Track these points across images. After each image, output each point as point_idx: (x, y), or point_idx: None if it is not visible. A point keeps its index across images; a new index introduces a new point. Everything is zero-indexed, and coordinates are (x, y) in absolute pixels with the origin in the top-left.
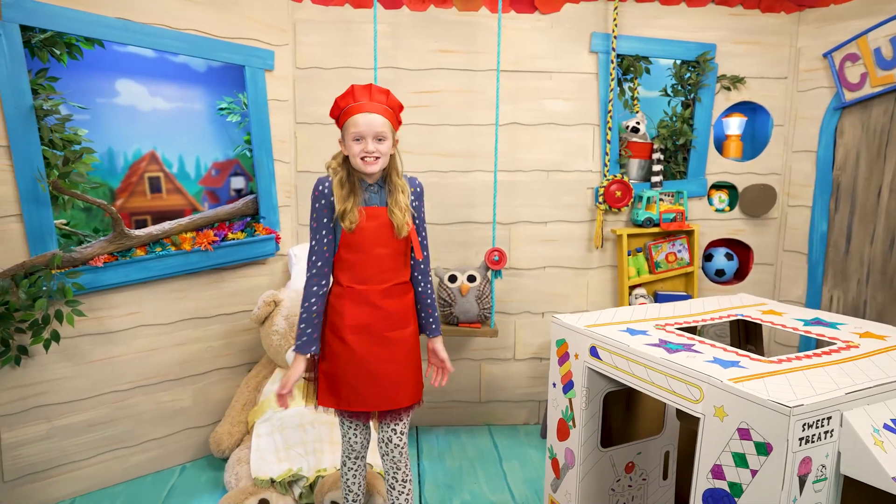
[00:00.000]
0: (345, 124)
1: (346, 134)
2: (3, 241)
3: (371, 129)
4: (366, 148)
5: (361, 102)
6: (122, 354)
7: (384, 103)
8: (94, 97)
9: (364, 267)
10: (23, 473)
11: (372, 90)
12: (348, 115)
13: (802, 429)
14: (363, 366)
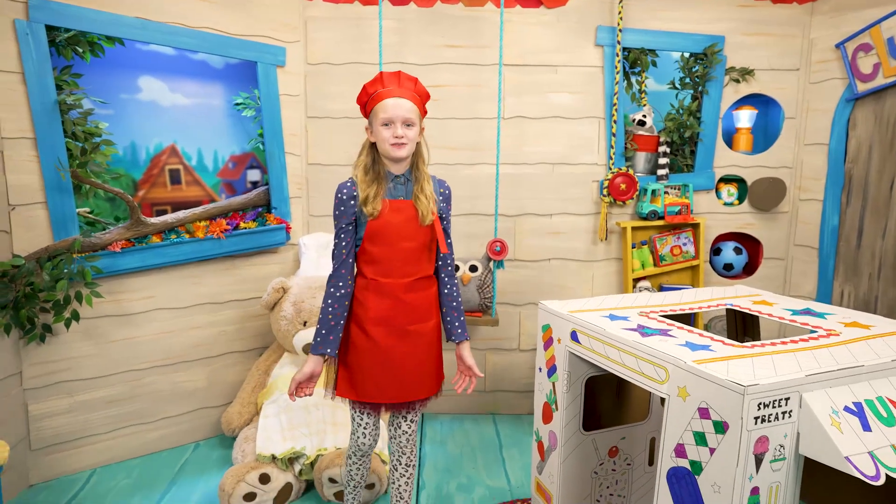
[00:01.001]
0: (373, 110)
1: (374, 120)
2: (29, 226)
3: (400, 114)
4: (395, 132)
5: (390, 88)
6: (139, 336)
7: (412, 90)
8: (117, 93)
9: (389, 260)
10: (48, 443)
11: (401, 77)
12: (377, 100)
13: (758, 408)
14: (385, 358)
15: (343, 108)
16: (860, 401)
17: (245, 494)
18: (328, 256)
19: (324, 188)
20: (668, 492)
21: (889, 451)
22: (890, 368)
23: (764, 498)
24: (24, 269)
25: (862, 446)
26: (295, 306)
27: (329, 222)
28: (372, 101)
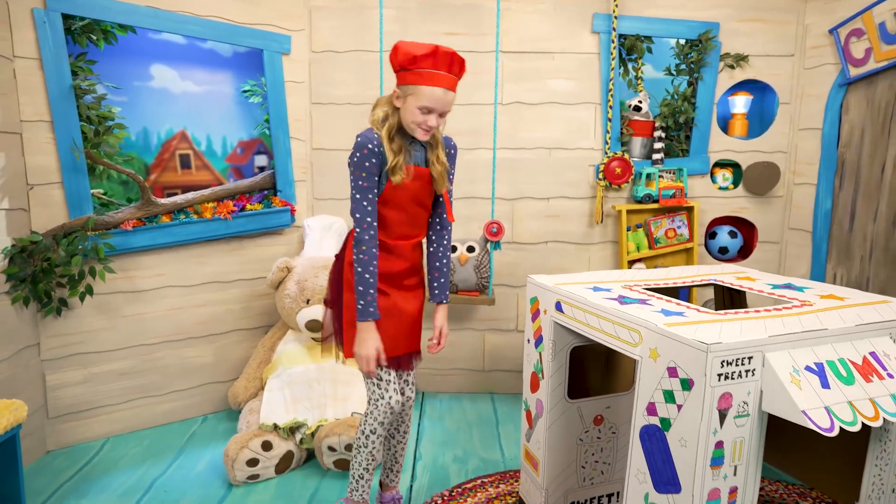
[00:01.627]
0: (416, 87)
1: (410, 94)
2: (47, 205)
3: (444, 106)
4: (430, 122)
5: (441, 73)
6: (150, 312)
7: (459, 76)
8: (131, 81)
9: (401, 224)
10: (64, 412)
11: (454, 60)
12: (424, 81)
13: (721, 365)
14: (398, 313)
15: (346, 94)
16: (822, 361)
17: (248, 460)
18: (331, 237)
19: (327, 173)
20: (640, 449)
21: (846, 406)
22: (854, 333)
23: (728, 452)
24: (42, 245)
25: (819, 402)
26: (298, 285)
27: (332, 205)
28: (417, 76)
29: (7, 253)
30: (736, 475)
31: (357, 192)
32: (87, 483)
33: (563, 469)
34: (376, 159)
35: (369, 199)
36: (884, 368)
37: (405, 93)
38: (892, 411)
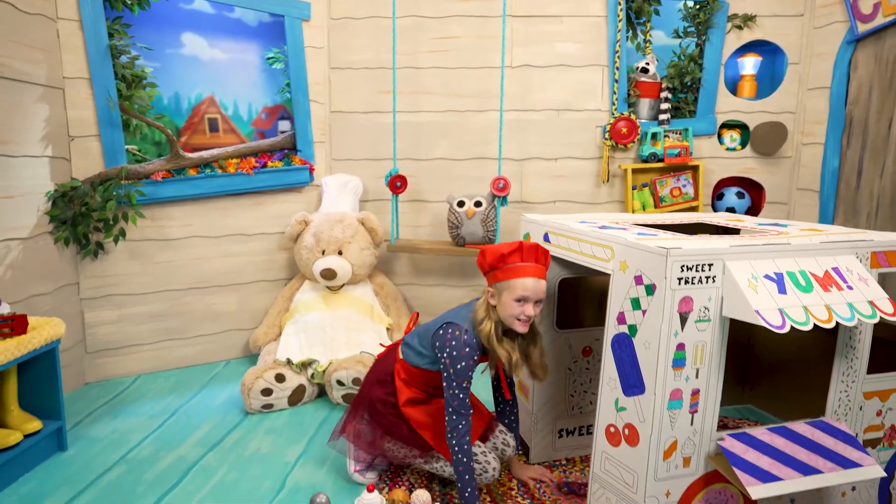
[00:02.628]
0: (508, 282)
1: (506, 291)
2: (85, 155)
3: (537, 294)
4: (527, 311)
5: (529, 264)
6: (178, 259)
7: (545, 265)
8: (163, 48)
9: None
10: (100, 348)
11: (538, 252)
12: (515, 274)
13: (681, 270)
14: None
15: (363, 59)
16: (781, 272)
17: (262, 389)
18: (347, 195)
19: (345, 134)
20: (612, 358)
21: (800, 310)
22: (818, 249)
23: (690, 355)
24: (80, 191)
25: (773, 304)
26: (315, 237)
27: (349, 165)
28: (508, 272)
29: (50, 196)
30: (698, 378)
31: (459, 392)
32: (119, 408)
33: (551, 397)
34: (475, 363)
35: (468, 395)
36: (844, 281)
37: (500, 289)
38: (846, 316)
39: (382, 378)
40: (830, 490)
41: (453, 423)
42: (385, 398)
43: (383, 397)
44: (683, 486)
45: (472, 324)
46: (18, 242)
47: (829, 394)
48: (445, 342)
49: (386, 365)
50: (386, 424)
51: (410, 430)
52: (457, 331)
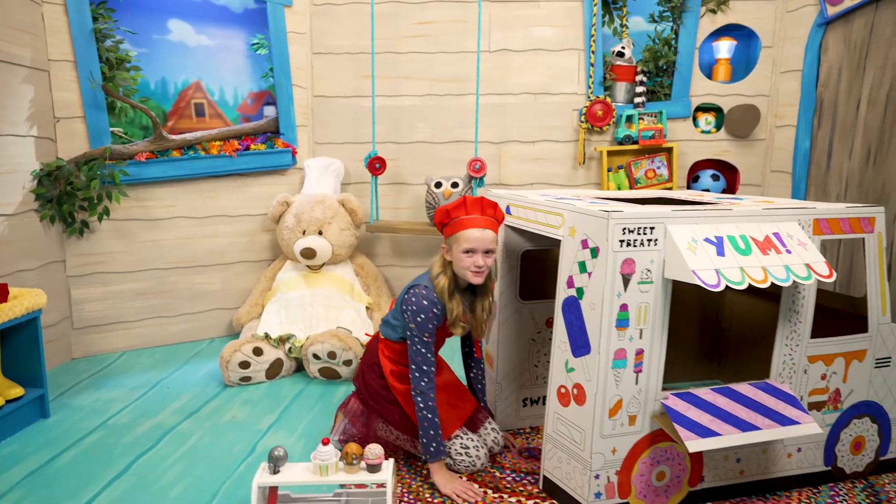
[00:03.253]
0: (455, 235)
1: (454, 244)
2: (71, 136)
3: (483, 244)
4: (476, 262)
5: (474, 216)
6: (163, 239)
7: (493, 217)
8: (150, 34)
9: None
10: (87, 324)
11: (483, 204)
12: (460, 227)
13: (622, 232)
14: (441, 384)
15: (344, 44)
16: (722, 235)
17: (240, 362)
18: (329, 177)
19: (327, 118)
20: (562, 320)
21: (736, 270)
22: (761, 215)
23: (633, 315)
24: (65, 171)
25: (710, 264)
26: (296, 217)
27: (332, 149)
28: (455, 225)
29: (35, 175)
30: (642, 338)
31: (421, 346)
32: (103, 381)
33: (515, 366)
34: (438, 320)
35: (431, 352)
36: (783, 245)
37: (450, 244)
38: (782, 277)
39: (372, 361)
40: (776, 452)
41: (416, 380)
42: (378, 385)
43: (377, 384)
44: (629, 444)
45: (430, 280)
46: (4, 218)
47: (774, 357)
48: (409, 302)
49: (373, 347)
50: (379, 410)
51: (402, 415)
52: (417, 289)
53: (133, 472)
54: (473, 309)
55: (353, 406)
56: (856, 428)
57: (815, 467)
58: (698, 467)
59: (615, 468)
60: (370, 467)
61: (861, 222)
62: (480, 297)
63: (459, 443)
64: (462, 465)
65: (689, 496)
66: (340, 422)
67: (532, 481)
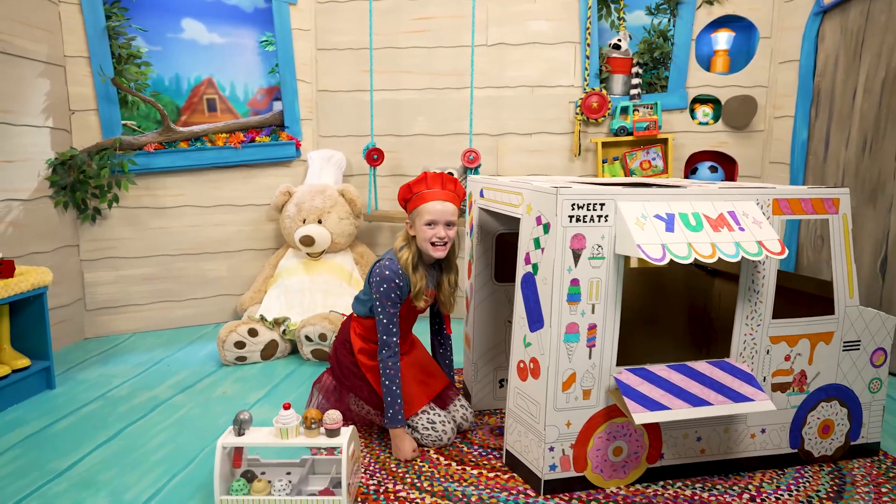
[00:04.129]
0: (417, 209)
1: (416, 217)
2: (84, 127)
3: (444, 217)
4: (438, 233)
5: (434, 190)
6: (171, 226)
7: (454, 192)
8: (165, 33)
9: (401, 328)
10: (99, 306)
11: (443, 179)
12: (422, 200)
13: (571, 208)
14: (411, 361)
15: (347, 40)
16: (674, 213)
17: (236, 342)
18: (330, 168)
19: (331, 112)
20: (521, 296)
21: (684, 246)
22: (716, 195)
23: (585, 290)
24: (78, 159)
25: (658, 240)
26: (297, 206)
27: (335, 142)
28: (416, 200)
29: (50, 164)
30: (594, 313)
31: (384, 318)
32: (110, 358)
33: (491, 347)
34: (401, 290)
35: (395, 322)
36: (737, 223)
37: (413, 218)
38: (731, 253)
39: (344, 339)
40: (738, 432)
41: (380, 349)
42: (349, 361)
43: (346, 358)
44: (584, 418)
45: (395, 254)
46: (19, 203)
47: (733, 336)
48: (374, 274)
49: (346, 325)
50: (349, 385)
51: (371, 391)
52: (382, 262)
53: (122, 437)
54: (440, 284)
55: (326, 381)
56: (823, 411)
57: (781, 449)
58: (657, 444)
59: (570, 441)
60: (328, 432)
61: (825, 203)
62: (446, 271)
63: (426, 418)
64: (429, 440)
65: (648, 472)
66: (315, 397)
67: (497, 456)
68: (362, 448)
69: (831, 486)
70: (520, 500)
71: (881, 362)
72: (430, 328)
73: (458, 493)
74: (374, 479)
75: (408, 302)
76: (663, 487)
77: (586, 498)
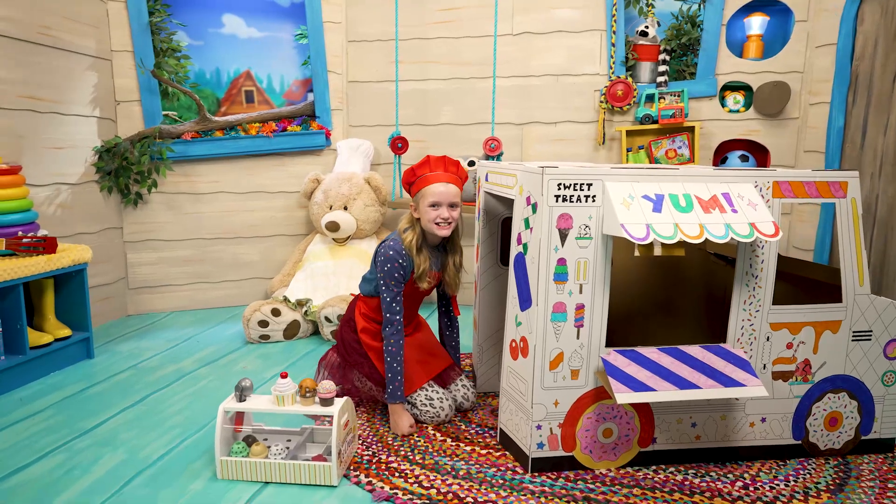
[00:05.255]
0: (421, 191)
1: (420, 200)
2: (128, 117)
3: (447, 198)
4: (441, 214)
5: (437, 172)
6: (207, 211)
7: (456, 174)
8: (206, 28)
9: (407, 309)
10: (141, 286)
11: (446, 162)
12: (425, 183)
13: (557, 188)
14: (416, 343)
15: (376, 32)
16: (663, 193)
17: (259, 321)
18: (358, 157)
19: (360, 103)
20: (513, 275)
21: (670, 226)
22: (711, 177)
23: (572, 270)
24: (122, 147)
25: (642, 219)
26: (324, 193)
27: (364, 131)
28: (420, 182)
29: (96, 151)
30: (582, 293)
31: (388, 296)
32: (146, 334)
33: (496, 330)
34: (404, 270)
35: (398, 301)
36: (730, 205)
37: (418, 201)
38: (719, 234)
39: (349, 318)
40: (736, 420)
41: (383, 326)
42: (351, 337)
43: (349, 336)
44: (572, 398)
45: (399, 235)
46: (68, 187)
47: (730, 321)
48: (379, 254)
49: (352, 305)
50: (352, 362)
51: (371, 367)
52: (387, 242)
53: (146, 402)
54: (445, 266)
55: (331, 358)
56: (830, 403)
57: (783, 440)
58: (649, 428)
59: (558, 420)
60: (322, 401)
61: (831, 187)
62: (451, 253)
63: (424, 394)
64: (427, 416)
65: (641, 456)
66: (321, 373)
67: (493, 435)
68: (364, 422)
69: (833, 479)
70: (507, 476)
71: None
72: (438, 309)
73: (447, 467)
74: (369, 450)
75: (411, 282)
76: (654, 471)
77: (574, 477)
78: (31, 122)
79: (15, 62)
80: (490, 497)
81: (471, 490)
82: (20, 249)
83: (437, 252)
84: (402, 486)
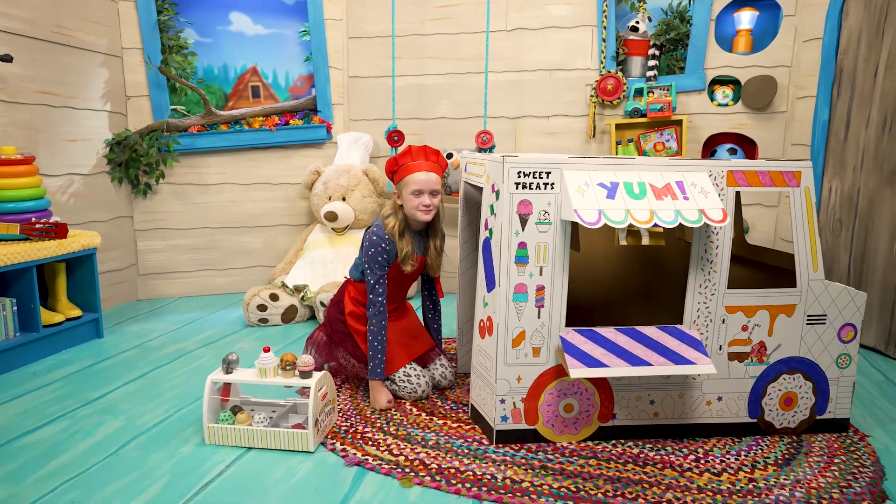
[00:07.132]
0: (403, 179)
1: (403, 188)
2: (138, 111)
3: (429, 185)
4: (424, 202)
5: (419, 161)
6: (213, 202)
7: (436, 163)
8: (214, 26)
9: (392, 293)
10: (150, 272)
11: (427, 151)
12: (408, 171)
13: (518, 175)
14: (400, 327)
15: (376, 29)
16: (618, 181)
17: (258, 305)
18: (357, 150)
19: (361, 97)
20: (482, 259)
21: (622, 212)
22: (666, 165)
23: (532, 253)
24: (131, 139)
25: (596, 206)
26: (324, 184)
27: (364, 125)
28: (402, 171)
29: (108, 143)
30: (542, 275)
31: (371, 279)
32: (154, 316)
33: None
34: (387, 254)
35: (381, 283)
36: (682, 192)
37: (400, 189)
38: (669, 220)
39: (337, 299)
40: (693, 398)
41: (368, 307)
42: (337, 317)
43: (336, 317)
44: (534, 374)
45: (382, 221)
46: (80, 177)
47: (686, 304)
48: (364, 240)
49: (342, 288)
50: (337, 341)
51: (355, 346)
52: (371, 228)
53: (147, 378)
54: (427, 249)
55: (318, 336)
56: (785, 383)
57: (739, 418)
58: (608, 404)
59: (521, 395)
60: (302, 374)
61: (784, 176)
62: (432, 237)
63: (403, 371)
64: (404, 392)
65: (601, 431)
66: (308, 350)
67: (466, 411)
68: (347, 398)
69: (783, 454)
70: (473, 447)
71: (850, 338)
72: (421, 291)
73: (417, 437)
74: (348, 421)
75: (396, 266)
76: (613, 445)
77: (535, 449)
78: (47, 117)
79: (32, 60)
80: (454, 464)
81: (436, 458)
82: (33, 234)
83: (420, 236)
84: (373, 454)
